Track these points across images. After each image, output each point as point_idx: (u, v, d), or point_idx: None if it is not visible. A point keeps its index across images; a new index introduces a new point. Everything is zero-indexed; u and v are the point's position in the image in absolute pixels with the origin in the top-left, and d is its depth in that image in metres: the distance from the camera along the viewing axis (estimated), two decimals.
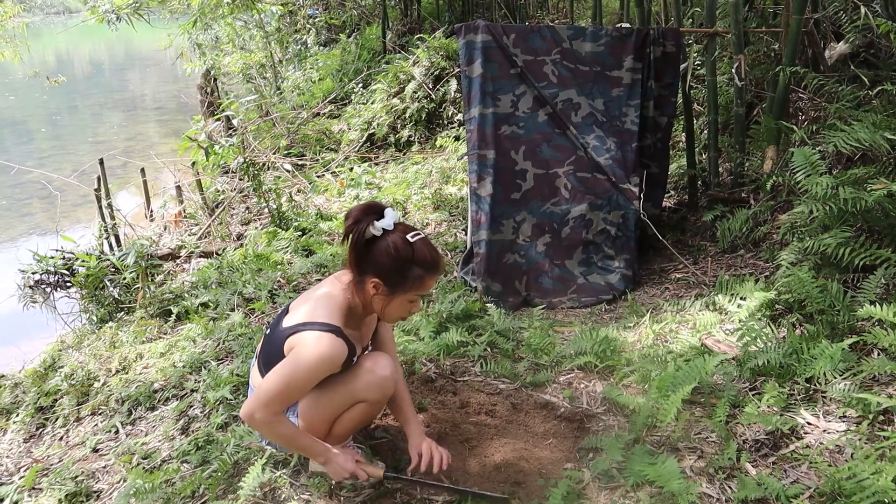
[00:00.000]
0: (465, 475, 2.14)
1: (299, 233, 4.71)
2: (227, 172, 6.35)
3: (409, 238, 1.90)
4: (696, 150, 4.34)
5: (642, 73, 3.70)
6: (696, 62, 4.48)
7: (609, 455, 2.09)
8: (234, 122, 5.62)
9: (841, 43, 3.83)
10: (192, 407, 2.79)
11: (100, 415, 2.95)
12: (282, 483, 2.14)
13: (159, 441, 2.61)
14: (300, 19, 11.10)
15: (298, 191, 5.88)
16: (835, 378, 2.28)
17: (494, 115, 3.59)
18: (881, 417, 2.09)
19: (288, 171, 6.29)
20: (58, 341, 3.99)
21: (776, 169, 3.54)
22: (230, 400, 2.70)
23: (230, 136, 5.60)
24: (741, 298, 2.98)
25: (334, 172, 6.32)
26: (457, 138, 6.28)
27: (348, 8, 11.04)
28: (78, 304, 4.50)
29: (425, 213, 4.86)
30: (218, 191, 6.13)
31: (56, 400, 3.13)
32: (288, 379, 1.86)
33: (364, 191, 5.56)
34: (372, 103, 7.30)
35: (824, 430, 2.12)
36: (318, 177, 6.22)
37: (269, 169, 6.31)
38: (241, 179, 5.75)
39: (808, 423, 2.16)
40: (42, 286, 4.64)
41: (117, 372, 3.23)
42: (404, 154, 6.67)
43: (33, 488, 2.50)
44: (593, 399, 2.55)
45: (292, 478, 2.17)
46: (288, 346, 1.91)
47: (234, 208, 5.86)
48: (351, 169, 6.19)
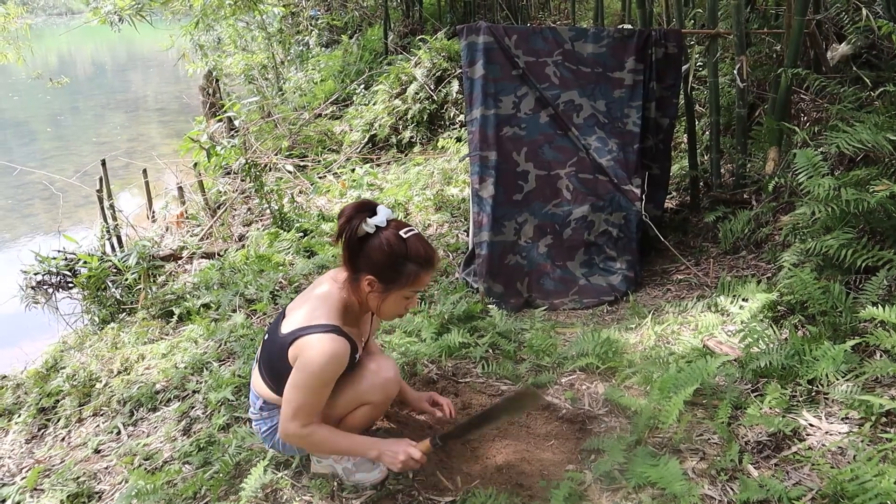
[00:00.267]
0: (467, 477, 2.14)
1: (301, 234, 4.72)
2: (228, 173, 6.36)
3: (403, 234, 1.91)
4: (698, 151, 4.34)
5: (644, 75, 3.70)
6: (698, 63, 4.48)
7: (611, 456, 2.09)
8: (235, 123, 5.65)
9: (843, 44, 3.83)
10: (193, 408, 2.80)
11: (101, 416, 2.95)
12: (283, 484, 2.14)
13: (161, 442, 2.62)
14: (302, 20, 11.11)
15: (300, 192, 5.89)
16: (837, 380, 2.27)
17: (496, 116, 3.59)
18: (884, 419, 2.08)
19: (290, 172, 6.30)
20: (60, 342, 3.99)
21: (778, 170, 3.54)
22: (232, 401, 2.70)
23: (232, 137, 5.62)
24: (743, 300, 2.98)
25: (336, 173, 6.32)
26: (458, 139, 6.28)
27: (350, 9, 11.05)
28: (80, 305, 4.50)
29: (427, 215, 4.86)
30: (220, 192, 6.14)
31: (58, 401, 3.13)
32: (304, 388, 1.87)
33: (366, 192, 5.56)
34: (374, 104, 7.31)
35: (826, 432, 2.11)
36: (319, 178, 6.23)
37: (270, 170, 6.32)
38: (242, 180, 5.76)
39: (811, 425, 2.15)
40: (44, 287, 4.65)
41: (119, 373, 3.23)
42: (406, 155, 6.67)
43: (35, 489, 2.50)
44: (595, 400, 2.55)
45: (294, 479, 2.17)
46: (292, 353, 1.91)
47: (235, 209, 5.87)
48: (353, 170, 6.19)
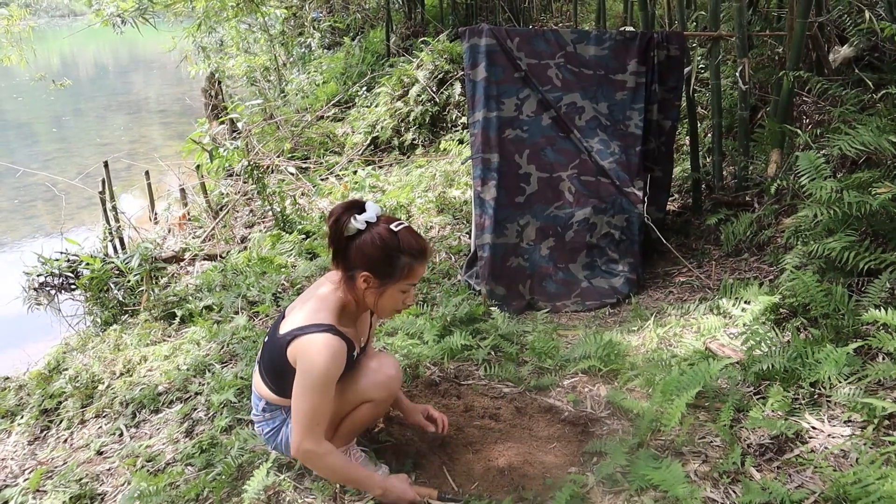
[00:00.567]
0: (469, 479, 2.14)
1: (303, 236, 4.72)
2: (231, 175, 6.37)
3: (393, 228, 1.92)
4: (700, 153, 4.34)
5: (646, 77, 3.70)
6: (700, 66, 4.49)
7: (613, 459, 2.09)
8: (238, 125, 5.65)
9: (845, 46, 3.83)
10: (196, 410, 2.80)
11: (104, 417, 2.96)
12: (286, 486, 2.15)
13: (163, 444, 2.62)
14: (304, 22, 11.12)
15: (302, 194, 5.89)
16: (840, 382, 2.27)
17: (498, 118, 3.59)
18: (886, 422, 2.08)
19: (292, 174, 6.31)
20: (62, 344, 3.99)
21: (780, 172, 3.54)
22: (234, 403, 2.71)
23: (234, 139, 5.63)
24: (745, 302, 2.98)
25: (338, 175, 6.33)
26: (460, 142, 6.28)
27: (352, 11, 11.07)
28: (82, 307, 4.51)
29: (429, 217, 4.86)
30: (222, 194, 6.14)
31: (60, 402, 3.13)
32: (310, 393, 1.86)
33: (368, 194, 5.57)
34: (376, 106, 7.31)
35: (829, 435, 2.11)
36: (322, 180, 6.24)
37: (273, 172, 6.32)
38: (245, 182, 5.76)
39: (813, 428, 2.15)
40: (46, 288, 4.66)
41: (121, 374, 3.24)
42: (408, 157, 6.68)
43: (38, 490, 2.50)
44: (597, 403, 2.55)
45: (296, 481, 2.17)
46: (290, 353, 1.92)
47: (237, 211, 5.88)
48: (355, 172, 6.20)
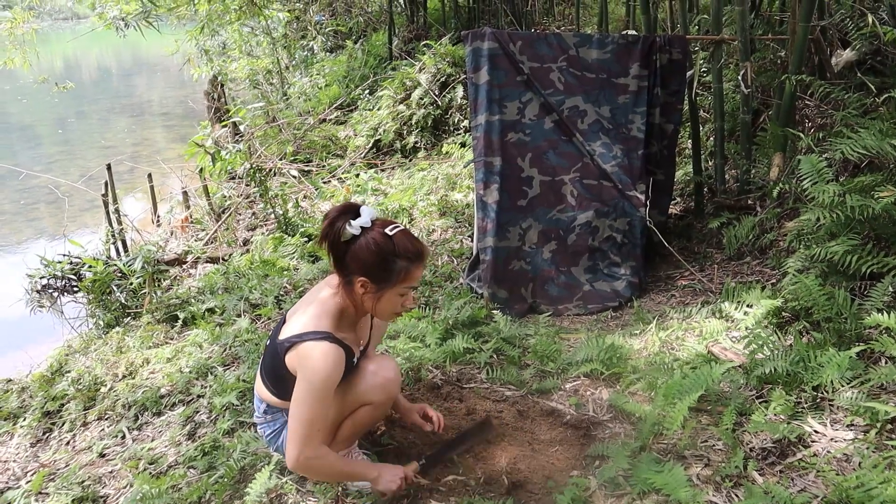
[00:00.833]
0: (471, 481, 2.14)
1: (305, 239, 4.72)
2: (233, 178, 6.38)
3: (388, 232, 1.91)
4: (703, 157, 4.34)
5: (648, 81, 3.71)
6: (703, 69, 4.49)
7: (615, 463, 2.09)
8: (240, 127, 5.66)
9: (847, 50, 3.84)
10: (198, 412, 2.80)
11: (106, 420, 2.96)
12: (288, 489, 2.15)
13: (166, 446, 2.62)
14: (308, 26, 11.15)
15: (305, 197, 5.90)
16: (842, 386, 2.27)
17: (501, 122, 3.59)
18: (889, 426, 2.08)
19: (294, 176, 6.32)
20: (65, 346, 4.00)
21: (783, 176, 3.54)
22: (237, 406, 2.71)
23: (237, 141, 5.64)
24: (748, 306, 2.98)
25: (340, 178, 6.33)
26: (463, 145, 6.29)
27: (355, 14, 11.09)
28: (85, 309, 4.51)
29: (431, 220, 4.87)
30: (224, 196, 6.15)
31: (63, 404, 3.13)
32: (309, 403, 1.86)
33: (370, 197, 5.57)
34: (378, 109, 7.32)
35: (832, 439, 2.11)
36: (324, 183, 6.24)
37: (275, 175, 6.33)
38: (247, 185, 5.77)
39: (816, 432, 2.15)
40: (49, 291, 4.66)
41: (124, 377, 3.24)
42: (410, 160, 6.68)
43: (40, 493, 2.50)
44: (599, 406, 2.54)
45: (298, 484, 2.17)
46: (289, 360, 1.92)
47: (240, 214, 5.88)
48: (357, 175, 6.21)
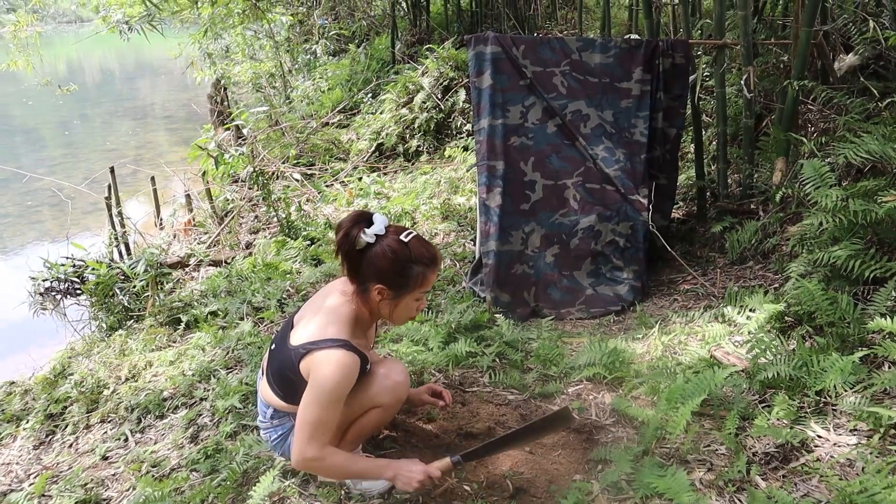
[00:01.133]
0: (473, 485, 2.14)
1: (308, 242, 4.73)
2: (236, 181, 6.38)
3: (403, 238, 1.92)
4: (705, 161, 4.34)
5: (651, 85, 3.71)
6: (705, 74, 4.50)
7: (618, 467, 2.09)
8: (243, 131, 5.67)
9: (850, 55, 3.84)
10: (201, 415, 2.80)
11: (109, 422, 2.97)
12: (291, 492, 2.15)
13: (168, 449, 2.62)
14: (311, 29, 11.17)
15: (307, 200, 5.91)
16: (845, 391, 2.27)
17: (504, 126, 3.60)
18: (893, 431, 2.07)
19: (297, 180, 6.32)
20: (67, 348, 4.00)
21: (785, 180, 3.54)
22: (239, 409, 2.71)
23: (240, 145, 5.65)
24: (750, 310, 2.98)
25: (343, 182, 6.34)
26: (465, 148, 6.30)
27: (358, 18, 11.12)
28: (88, 312, 4.52)
29: (434, 224, 4.87)
30: (227, 200, 6.16)
31: (66, 407, 3.14)
32: (319, 405, 1.86)
33: (373, 200, 5.58)
34: (381, 113, 7.34)
35: (835, 444, 2.11)
36: (327, 186, 6.25)
37: (278, 178, 6.35)
38: (250, 188, 5.78)
39: (819, 437, 2.15)
40: (52, 293, 4.67)
41: (127, 380, 3.25)
42: (413, 164, 6.69)
43: (43, 495, 2.51)
44: (602, 410, 2.54)
45: (301, 487, 2.18)
46: (304, 367, 1.91)
47: (243, 217, 5.89)
48: (360, 178, 6.21)
